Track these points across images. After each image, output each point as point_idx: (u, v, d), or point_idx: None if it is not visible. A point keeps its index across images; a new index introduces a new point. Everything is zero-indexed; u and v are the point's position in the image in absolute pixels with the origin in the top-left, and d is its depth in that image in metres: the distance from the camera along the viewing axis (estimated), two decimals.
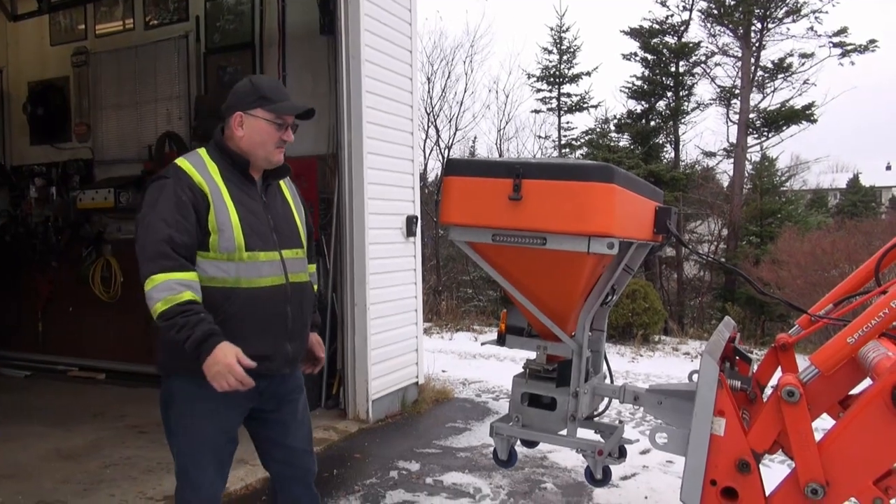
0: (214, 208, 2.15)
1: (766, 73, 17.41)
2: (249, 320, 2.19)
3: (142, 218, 2.13)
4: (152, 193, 2.14)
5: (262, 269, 2.23)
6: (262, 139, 2.25)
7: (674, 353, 9.21)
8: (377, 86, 5.12)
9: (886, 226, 11.10)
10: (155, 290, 2.01)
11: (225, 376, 1.99)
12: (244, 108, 2.24)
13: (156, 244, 2.05)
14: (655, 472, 4.07)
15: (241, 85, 2.32)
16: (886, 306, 1.87)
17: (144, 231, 2.09)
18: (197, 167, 2.19)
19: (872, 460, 1.90)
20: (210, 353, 1.99)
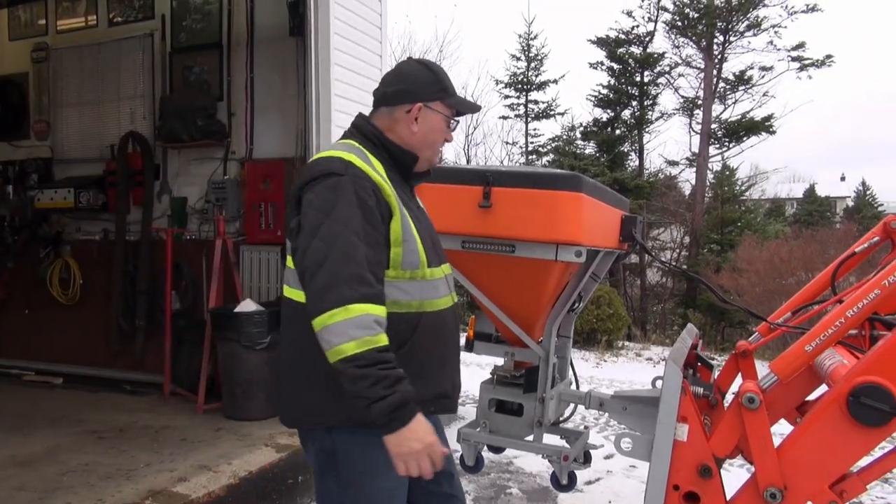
0: (399, 215, 1.76)
1: (727, 84, 17.86)
2: (433, 352, 1.83)
3: (314, 226, 1.66)
4: (324, 194, 1.68)
5: (440, 289, 1.87)
6: (435, 138, 1.92)
7: (637, 359, 9.36)
8: (346, 89, 5.11)
9: (841, 235, 11.45)
10: (350, 324, 1.57)
11: (421, 458, 1.61)
12: (425, 98, 1.87)
13: (350, 263, 1.62)
14: (619, 477, 4.13)
15: (416, 70, 1.92)
16: (842, 316, 1.93)
17: (326, 244, 1.63)
18: (367, 163, 1.77)
19: (828, 465, 1.96)
20: (407, 424, 1.59)
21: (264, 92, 5.77)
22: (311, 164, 1.79)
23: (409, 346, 1.75)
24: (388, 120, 1.88)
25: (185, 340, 5.76)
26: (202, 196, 5.97)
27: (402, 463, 1.61)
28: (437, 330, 1.84)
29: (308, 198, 1.70)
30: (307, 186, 1.72)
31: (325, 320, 1.58)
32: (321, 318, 1.59)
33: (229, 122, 5.87)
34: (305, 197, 1.71)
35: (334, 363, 1.59)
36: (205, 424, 4.96)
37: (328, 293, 1.59)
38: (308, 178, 1.74)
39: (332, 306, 1.58)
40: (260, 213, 5.62)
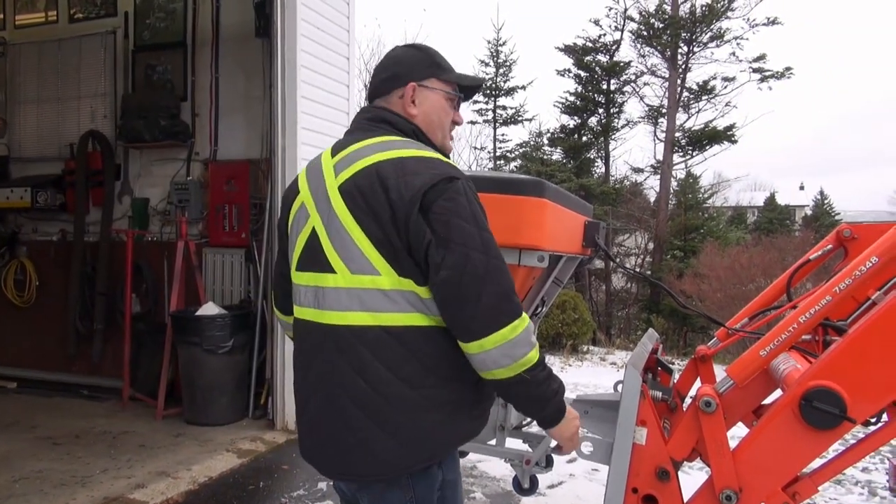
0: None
1: (691, 94, 18.18)
2: None
3: (464, 236, 1.49)
4: (461, 200, 1.52)
5: None
6: (440, 118, 1.74)
7: (601, 363, 9.45)
8: (313, 91, 5.08)
9: (799, 242, 11.74)
10: (528, 331, 1.53)
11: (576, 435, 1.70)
12: (417, 77, 1.71)
13: (509, 275, 1.55)
14: (581, 481, 4.16)
15: (403, 52, 1.77)
16: (795, 321, 1.98)
17: (486, 256, 1.50)
18: None
19: (781, 467, 2.00)
20: (567, 408, 1.65)
21: (229, 92, 5.71)
22: (415, 167, 1.54)
23: None
24: (390, 107, 1.72)
25: (145, 344, 5.66)
26: (164, 197, 5.88)
27: (571, 443, 1.74)
28: None
29: (443, 206, 1.50)
30: (432, 193, 1.50)
31: (507, 334, 1.49)
32: (502, 332, 1.48)
33: (193, 122, 5.80)
34: (438, 205, 1.50)
35: (515, 376, 1.52)
36: (164, 430, 4.87)
37: (503, 305, 1.50)
38: (429, 184, 1.51)
39: (513, 318, 1.50)
40: (224, 215, 5.55)
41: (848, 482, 4.42)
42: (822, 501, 4.06)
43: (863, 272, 1.92)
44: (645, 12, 18.02)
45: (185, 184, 5.62)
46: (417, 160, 1.56)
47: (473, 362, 1.54)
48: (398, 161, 1.55)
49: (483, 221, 1.56)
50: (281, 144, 4.88)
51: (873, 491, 4.24)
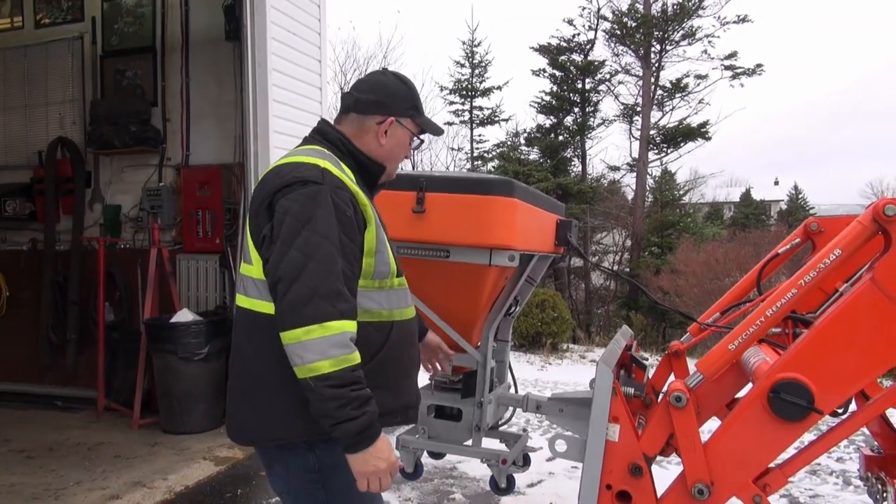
0: (374, 225, 1.72)
1: (665, 92, 18.36)
2: (401, 362, 1.80)
3: (291, 235, 1.58)
4: (302, 202, 1.60)
5: (406, 298, 1.84)
6: (399, 153, 1.90)
7: (581, 361, 9.51)
8: (285, 95, 5.05)
9: (773, 237, 11.88)
10: (327, 342, 1.52)
11: (384, 475, 1.61)
12: (398, 113, 1.85)
13: (330, 278, 1.56)
14: (561, 478, 4.18)
15: (393, 83, 1.88)
16: (762, 315, 2.00)
17: (305, 256, 1.56)
18: (340, 170, 1.71)
19: (751, 459, 2.02)
20: (374, 444, 1.58)
21: (200, 97, 5.66)
22: (283, 169, 1.68)
23: (380, 357, 1.72)
24: (357, 127, 1.84)
25: (119, 353, 5.59)
26: (136, 204, 5.81)
27: (366, 480, 1.61)
28: (406, 339, 1.82)
29: (283, 205, 1.61)
30: (281, 193, 1.63)
31: (299, 336, 1.53)
32: (295, 332, 1.53)
33: (164, 127, 5.73)
34: (280, 204, 1.62)
35: (304, 379, 1.54)
36: (140, 440, 4.81)
37: (306, 307, 1.53)
38: (282, 184, 1.63)
39: (309, 322, 1.53)
40: (197, 221, 5.49)
41: (823, 472, 4.49)
42: (798, 492, 4.11)
43: (826, 265, 1.94)
44: (618, 11, 18.19)
45: (158, 190, 5.55)
46: (291, 165, 1.69)
47: None
48: (279, 167, 1.72)
49: (321, 226, 1.58)
50: (253, 149, 4.84)
51: (847, 480, 4.30)
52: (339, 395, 1.53)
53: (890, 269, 1.89)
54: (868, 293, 1.90)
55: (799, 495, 4.06)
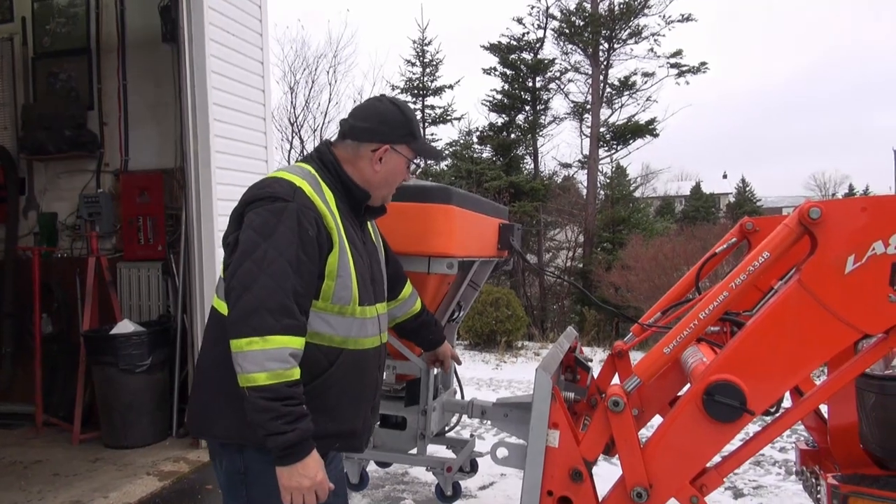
0: (338, 248, 1.75)
1: (613, 90, 18.62)
2: (345, 390, 1.81)
3: (250, 247, 1.64)
4: (266, 217, 1.67)
5: (368, 328, 1.86)
6: (394, 179, 1.95)
7: (536, 358, 9.56)
8: (226, 98, 4.93)
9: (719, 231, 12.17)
10: (266, 355, 1.57)
11: (308, 493, 1.64)
12: (393, 140, 1.90)
13: (278, 293, 1.61)
14: (513, 480, 4.18)
15: (389, 111, 1.92)
16: (696, 318, 2.02)
17: (258, 268, 1.62)
18: (317, 193, 1.77)
19: (688, 461, 2.04)
20: (301, 460, 1.62)
21: (139, 100, 5.49)
22: (262, 183, 1.77)
23: (322, 380, 1.75)
24: (352, 153, 1.89)
25: (58, 366, 5.40)
26: (73, 211, 5.61)
27: (289, 495, 1.64)
28: (356, 368, 1.83)
29: (249, 217, 1.69)
30: (252, 206, 1.71)
31: (241, 345, 1.59)
32: (239, 342, 1.60)
33: (101, 131, 5.55)
34: (248, 216, 1.70)
35: (243, 387, 1.60)
36: (81, 456, 4.65)
37: (251, 318, 1.59)
38: (254, 198, 1.72)
39: (251, 333, 1.58)
40: (137, 228, 5.34)
41: (766, 462, 4.61)
42: (742, 483, 4.21)
43: (756, 267, 1.98)
44: (566, 10, 18.35)
45: (96, 196, 5.37)
46: (270, 180, 1.78)
47: None
48: (261, 180, 1.81)
49: (280, 242, 1.64)
50: (194, 153, 4.71)
51: (790, 470, 4.42)
52: (271, 407, 1.57)
53: (816, 272, 1.93)
54: (795, 295, 1.94)
55: (743, 487, 4.15)
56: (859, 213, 1.92)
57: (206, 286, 4.74)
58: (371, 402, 1.94)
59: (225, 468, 1.80)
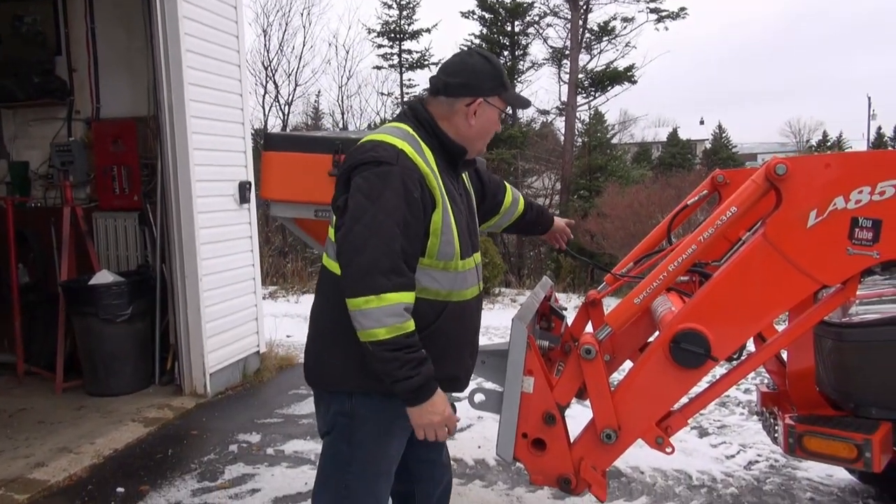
0: (441, 207, 1.82)
1: (592, 35, 18.48)
2: (452, 339, 1.93)
3: (360, 211, 1.73)
4: (373, 181, 1.74)
5: (468, 279, 1.96)
6: (489, 131, 1.99)
7: (512, 305, 9.72)
8: (199, 44, 4.83)
9: (694, 179, 12.31)
10: (383, 311, 1.69)
11: (439, 427, 1.80)
12: (486, 93, 1.93)
13: (389, 254, 1.71)
14: (489, 423, 4.33)
15: (479, 64, 1.94)
16: (665, 270, 2.11)
17: (369, 231, 1.71)
18: (418, 153, 1.82)
19: (654, 404, 2.17)
20: (429, 399, 1.77)
21: (109, 45, 5.36)
22: (365, 147, 1.82)
23: (430, 331, 1.84)
24: (447, 110, 1.93)
25: (37, 316, 5.40)
26: (45, 160, 5.52)
27: (423, 431, 1.81)
28: (460, 319, 1.94)
29: (357, 182, 1.76)
30: (358, 169, 1.77)
31: (359, 304, 1.70)
32: (356, 301, 1.71)
33: (70, 78, 5.43)
34: (355, 180, 1.77)
35: (365, 342, 1.73)
36: (65, 404, 4.71)
37: (365, 279, 1.70)
38: (359, 161, 1.78)
39: (368, 292, 1.69)
40: (112, 178, 5.28)
41: (731, 403, 4.82)
42: (707, 423, 4.41)
43: (724, 221, 2.06)
44: None
45: (67, 145, 5.27)
46: (373, 143, 1.82)
47: None
48: (363, 142, 1.85)
49: (387, 206, 1.72)
50: (167, 101, 4.64)
51: (753, 410, 4.64)
52: (395, 357, 1.71)
53: (780, 225, 2.02)
54: (760, 248, 2.03)
55: (708, 426, 4.36)
56: (823, 169, 2.00)
57: (184, 236, 4.74)
58: (472, 348, 2.08)
59: (333, 411, 1.93)
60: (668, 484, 3.50)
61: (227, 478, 3.61)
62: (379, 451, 1.93)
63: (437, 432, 1.81)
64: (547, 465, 2.22)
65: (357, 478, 1.93)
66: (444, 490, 2.25)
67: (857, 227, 1.96)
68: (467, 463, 3.77)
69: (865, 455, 2.26)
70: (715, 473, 3.62)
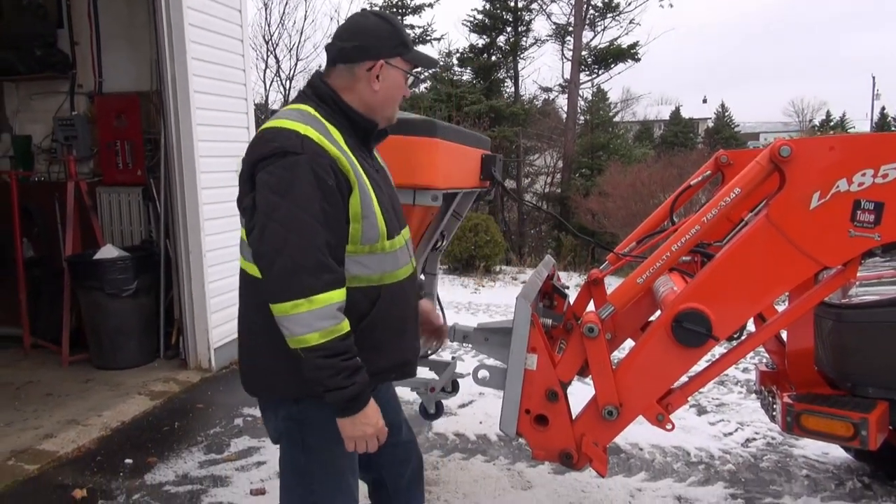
0: (358, 189, 1.67)
1: (596, 11, 18.28)
2: (390, 324, 1.80)
3: (271, 208, 1.58)
4: (280, 174, 1.59)
5: (400, 259, 1.82)
6: (395, 95, 1.82)
7: (513, 283, 9.77)
8: (202, 18, 4.80)
9: (696, 158, 12.28)
10: (314, 315, 1.56)
11: (370, 439, 1.70)
12: (386, 54, 1.77)
13: (311, 250, 1.57)
14: (490, 399, 4.39)
15: (374, 24, 1.79)
16: (668, 250, 2.13)
17: (285, 229, 1.57)
18: (325, 136, 1.66)
19: (656, 382, 2.20)
20: (362, 410, 1.65)
21: (111, 18, 5.33)
22: (265, 137, 1.66)
23: (368, 320, 1.73)
24: (348, 78, 1.78)
25: (43, 290, 5.43)
26: (48, 134, 5.52)
27: (353, 442, 1.70)
28: (397, 301, 1.81)
29: (262, 178, 1.61)
30: (261, 164, 1.62)
31: (286, 310, 1.57)
32: (283, 306, 1.57)
33: (73, 51, 5.40)
34: (259, 176, 1.62)
35: (293, 348, 1.60)
36: (72, 377, 4.77)
37: (290, 282, 1.56)
38: (262, 155, 1.62)
39: (294, 296, 1.56)
40: (116, 152, 5.29)
41: (730, 382, 4.87)
42: (706, 401, 4.47)
43: (727, 202, 2.08)
44: None
45: (71, 119, 5.27)
46: (272, 131, 1.66)
47: None
48: (262, 132, 1.69)
49: (300, 198, 1.58)
50: (171, 76, 4.63)
51: (751, 389, 4.69)
52: (329, 364, 1.58)
53: (783, 207, 2.04)
54: (762, 229, 2.05)
55: (707, 404, 4.41)
56: (827, 151, 2.01)
57: (188, 211, 4.76)
58: (415, 326, 1.96)
59: (281, 416, 1.80)
60: (667, 460, 3.56)
61: (234, 450, 3.67)
62: (336, 450, 1.77)
63: (369, 443, 1.71)
64: (549, 441, 2.27)
65: (321, 482, 1.81)
66: (416, 467, 2.11)
67: (860, 210, 1.98)
68: (469, 438, 3.82)
69: (862, 433, 2.30)
70: (713, 450, 3.68)
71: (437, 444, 3.74)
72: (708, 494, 3.20)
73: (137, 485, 3.28)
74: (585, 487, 3.24)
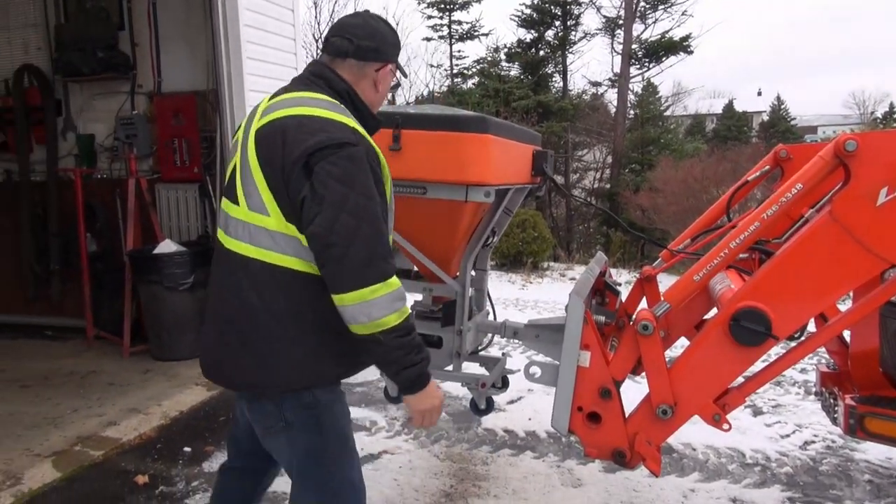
0: (388, 180, 1.80)
1: (647, 3, 17.94)
2: None
3: (340, 198, 1.60)
4: (344, 165, 1.62)
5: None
6: (385, 96, 1.96)
7: (561, 279, 9.69)
8: (256, 18, 4.90)
9: (751, 153, 11.95)
10: (391, 297, 1.63)
11: (438, 412, 1.79)
12: (394, 59, 1.91)
13: (382, 238, 1.66)
14: (539, 395, 4.38)
15: (386, 30, 1.89)
16: (726, 247, 2.09)
17: (356, 219, 1.61)
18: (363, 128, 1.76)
19: (712, 381, 2.16)
20: (430, 382, 1.75)
21: (169, 20, 5.48)
22: (312, 125, 1.66)
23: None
24: (357, 74, 1.84)
25: (105, 284, 5.63)
26: (110, 133, 5.70)
27: (421, 416, 1.77)
28: None
29: (325, 168, 1.62)
30: (320, 154, 1.62)
31: (365, 295, 1.61)
32: (361, 292, 1.60)
33: (133, 53, 5.57)
34: (321, 166, 1.62)
35: (372, 334, 1.63)
36: (132, 367, 4.94)
37: (369, 269, 1.61)
38: (318, 146, 1.63)
39: (375, 281, 1.61)
40: (174, 150, 5.44)
41: (787, 383, 4.74)
42: (762, 402, 4.36)
43: (788, 199, 2.02)
44: None
45: (131, 118, 5.45)
46: (320, 121, 1.68)
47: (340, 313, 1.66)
48: (302, 119, 1.69)
49: (365, 188, 1.65)
50: (226, 75, 4.74)
51: (809, 390, 4.56)
52: (405, 343, 1.67)
53: (849, 203, 1.97)
54: (826, 226, 1.99)
55: (762, 405, 4.31)
56: (895, 145, 1.94)
57: None
58: None
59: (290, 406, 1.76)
60: (721, 461, 3.49)
61: None
62: (346, 424, 1.84)
63: (434, 416, 1.78)
64: (602, 439, 2.25)
65: (335, 460, 1.82)
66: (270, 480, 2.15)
67: None
68: (518, 434, 3.82)
69: None
70: (769, 452, 3.59)
71: (487, 439, 3.74)
72: (764, 497, 3.13)
73: (196, 472, 3.38)
74: (637, 486, 3.21)
